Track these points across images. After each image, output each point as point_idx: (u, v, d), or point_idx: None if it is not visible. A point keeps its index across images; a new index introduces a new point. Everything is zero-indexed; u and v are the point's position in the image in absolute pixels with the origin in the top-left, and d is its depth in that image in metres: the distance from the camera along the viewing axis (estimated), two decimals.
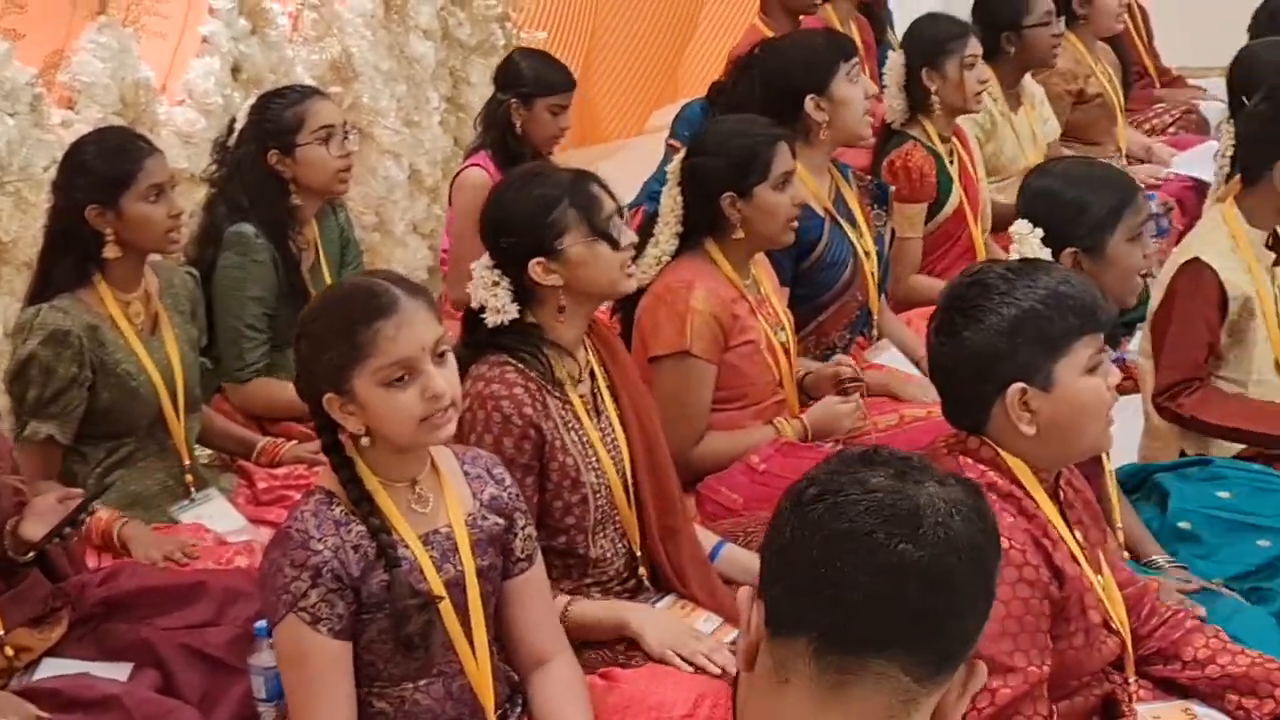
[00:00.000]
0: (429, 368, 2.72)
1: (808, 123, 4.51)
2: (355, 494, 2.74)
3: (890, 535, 1.62)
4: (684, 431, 3.81)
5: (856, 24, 7.05)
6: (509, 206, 3.33)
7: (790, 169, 3.97)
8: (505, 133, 5.21)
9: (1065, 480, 2.82)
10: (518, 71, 5.28)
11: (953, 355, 2.68)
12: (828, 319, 4.53)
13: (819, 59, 4.55)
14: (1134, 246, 3.54)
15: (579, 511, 3.29)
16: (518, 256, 3.27)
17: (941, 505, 1.66)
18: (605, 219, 3.30)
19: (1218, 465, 3.91)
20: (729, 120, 4.18)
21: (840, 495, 1.66)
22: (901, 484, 1.67)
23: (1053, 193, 3.55)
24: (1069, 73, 6.29)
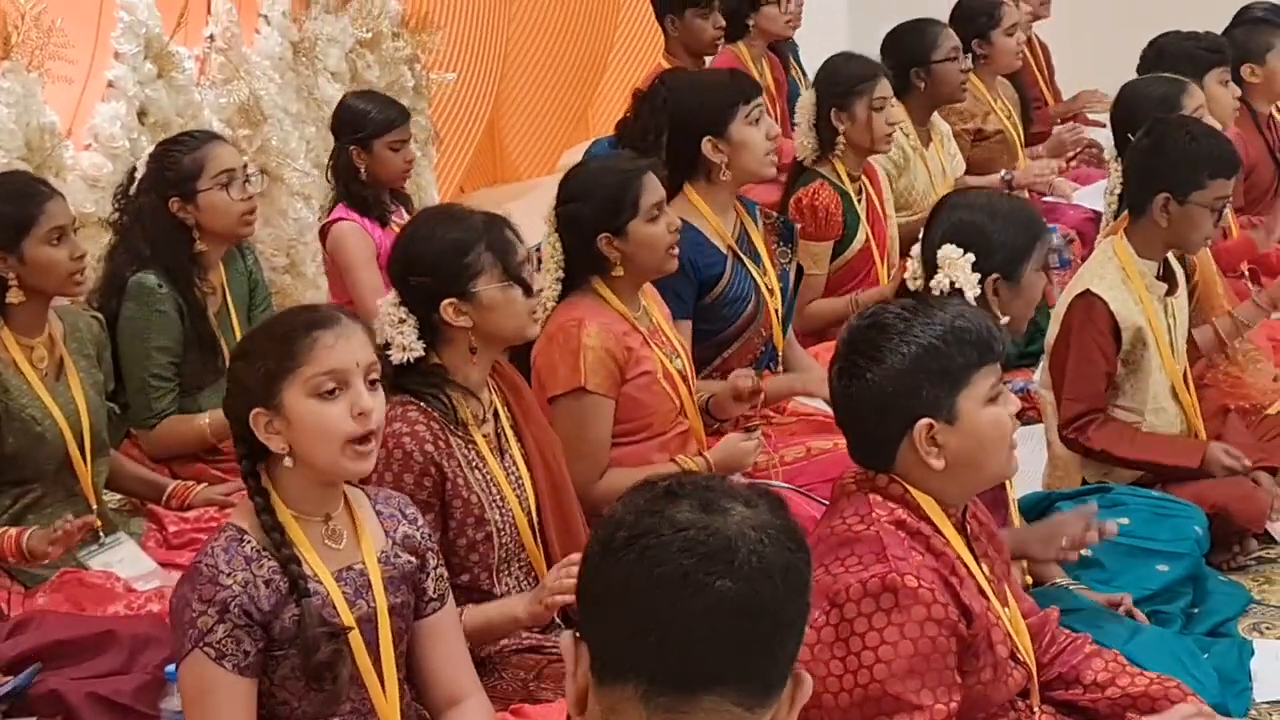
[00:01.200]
0: (360, 385, 2.76)
1: (707, 163, 4.55)
2: (269, 524, 2.74)
3: (707, 573, 1.63)
4: (585, 468, 3.82)
5: (768, 62, 7.12)
6: (422, 246, 3.36)
7: (660, 198, 3.99)
8: (350, 179, 5.18)
9: (970, 513, 2.86)
10: (350, 116, 5.25)
11: (857, 396, 2.72)
12: (732, 354, 4.56)
13: (717, 101, 4.59)
14: (1040, 276, 3.62)
15: (484, 549, 3.31)
16: (428, 296, 3.30)
17: (751, 533, 1.66)
18: (519, 264, 3.34)
19: (1117, 492, 3.99)
20: (592, 162, 4.22)
21: (651, 537, 1.65)
22: (709, 516, 1.67)
23: (975, 224, 3.58)
24: (967, 111, 6.38)
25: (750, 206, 4.75)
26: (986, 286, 3.49)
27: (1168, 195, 4.12)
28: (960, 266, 3.47)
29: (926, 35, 5.89)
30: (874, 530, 2.66)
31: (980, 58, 6.39)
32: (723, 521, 1.67)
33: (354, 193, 5.16)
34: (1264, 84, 6.01)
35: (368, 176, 5.18)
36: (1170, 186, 4.12)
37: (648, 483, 1.75)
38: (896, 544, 2.64)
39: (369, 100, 5.36)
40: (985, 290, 3.48)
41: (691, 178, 4.54)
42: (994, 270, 3.53)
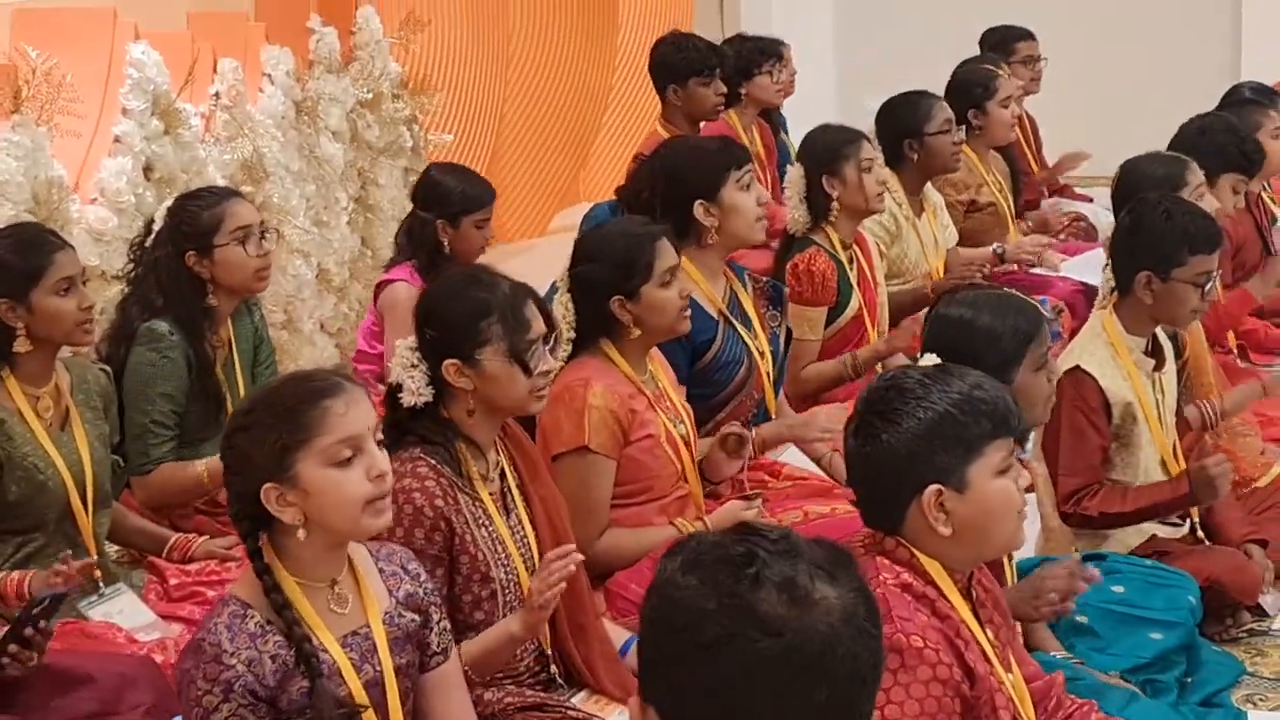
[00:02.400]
0: (374, 447, 2.77)
1: (698, 227, 4.61)
2: (279, 602, 2.73)
3: (805, 685, 1.66)
4: (586, 527, 3.85)
5: (758, 129, 7.20)
6: (442, 302, 3.41)
7: (673, 264, 4.05)
8: (432, 251, 5.19)
9: (976, 580, 2.88)
10: (441, 191, 5.26)
11: (871, 457, 2.74)
12: (725, 417, 4.59)
13: (709, 166, 4.65)
14: (1039, 375, 3.59)
15: (488, 606, 3.33)
16: (436, 351, 3.34)
17: (843, 630, 1.69)
18: (528, 343, 3.37)
19: (1112, 560, 4.02)
20: (608, 225, 4.27)
21: (743, 641, 1.66)
22: (800, 612, 1.68)
23: (964, 322, 3.57)
24: (961, 182, 6.45)
25: (739, 271, 4.80)
26: None
27: (1150, 273, 4.18)
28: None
29: (920, 107, 5.96)
30: (880, 592, 2.68)
31: (975, 129, 6.47)
32: (813, 617, 1.68)
33: (434, 264, 5.15)
34: None
35: (451, 251, 5.19)
36: (1152, 264, 4.18)
37: (720, 551, 1.74)
38: (902, 606, 2.66)
39: (459, 177, 5.37)
40: None
41: (683, 242, 4.59)
42: None
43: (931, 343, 3.51)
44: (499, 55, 8.34)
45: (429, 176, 5.42)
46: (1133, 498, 4.12)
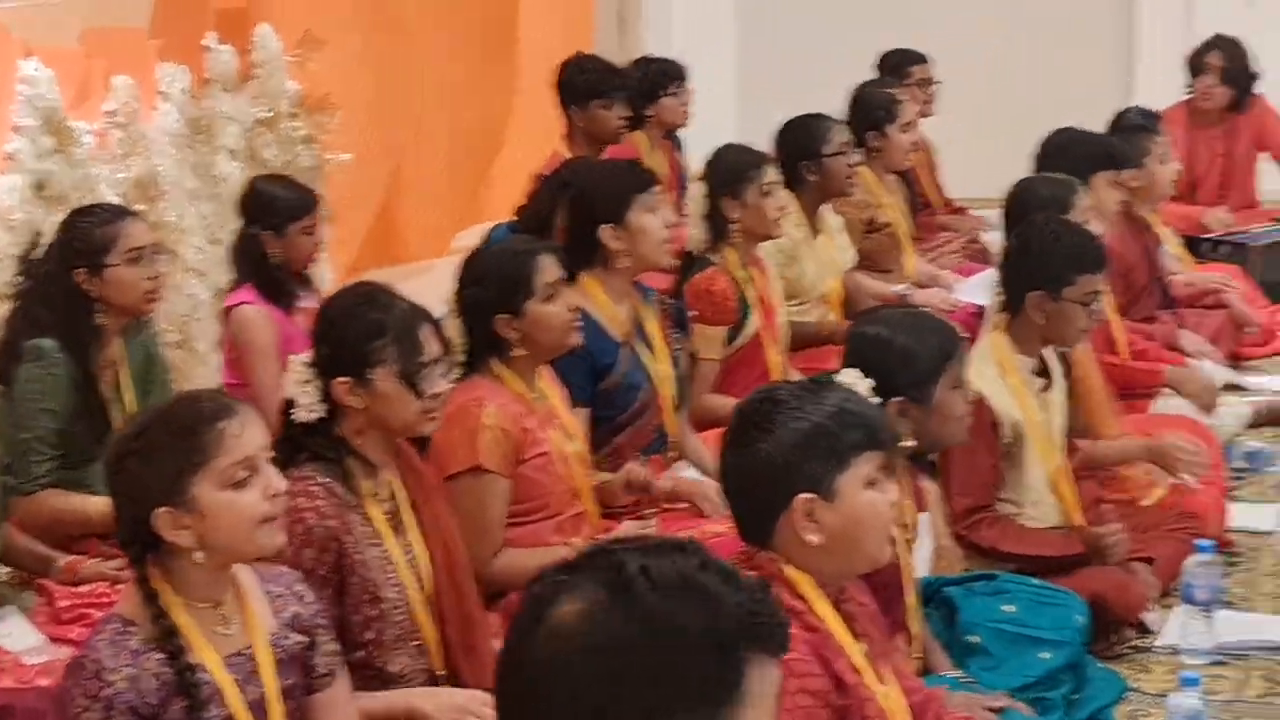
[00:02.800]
0: (268, 467, 2.78)
1: (606, 251, 4.63)
2: (163, 623, 2.71)
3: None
4: (481, 547, 3.85)
5: (664, 151, 7.23)
6: (337, 320, 3.42)
7: (556, 278, 4.06)
8: (261, 264, 5.11)
9: (849, 595, 2.92)
10: (264, 201, 5.18)
11: (745, 466, 2.79)
12: (624, 440, 4.61)
13: (615, 190, 4.67)
14: (957, 394, 3.67)
15: (378, 626, 3.33)
16: (328, 368, 3.34)
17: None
18: (420, 365, 3.37)
19: (1002, 580, 4.07)
20: (490, 246, 4.28)
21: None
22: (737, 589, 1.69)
23: (881, 342, 3.63)
24: (860, 203, 6.51)
25: (647, 293, 4.82)
26: (891, 409, 3.52)
27: (1042, 293, 4.25)
28: (859, 389, 3.51)
29: (817, 129, 6.00)
30: None
31: (874, 151, 6.53)
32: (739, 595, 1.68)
33: (264, 278, 5.10)
34: (1143, 187, 6.20)
35: (279, 261, 5.13)
36: (1042, 284, 4.25)
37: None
38: None
39: (281, 185, 5.31)
40: (891, 414, 3.49)
41: (589, 266, 4.61)
42: (900, 392, 3.58)
43: (853, 358, 3.58)
44: (399, 74, 8.31)
45: (252, 189, 5.32)
46: (1028, 542, 4.19)
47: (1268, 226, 7.70)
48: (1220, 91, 7.87)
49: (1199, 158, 7.91)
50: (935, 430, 3.62)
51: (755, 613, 1.65)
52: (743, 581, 1.67)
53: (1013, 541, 4.18)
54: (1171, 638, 4.20)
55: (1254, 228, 7.63)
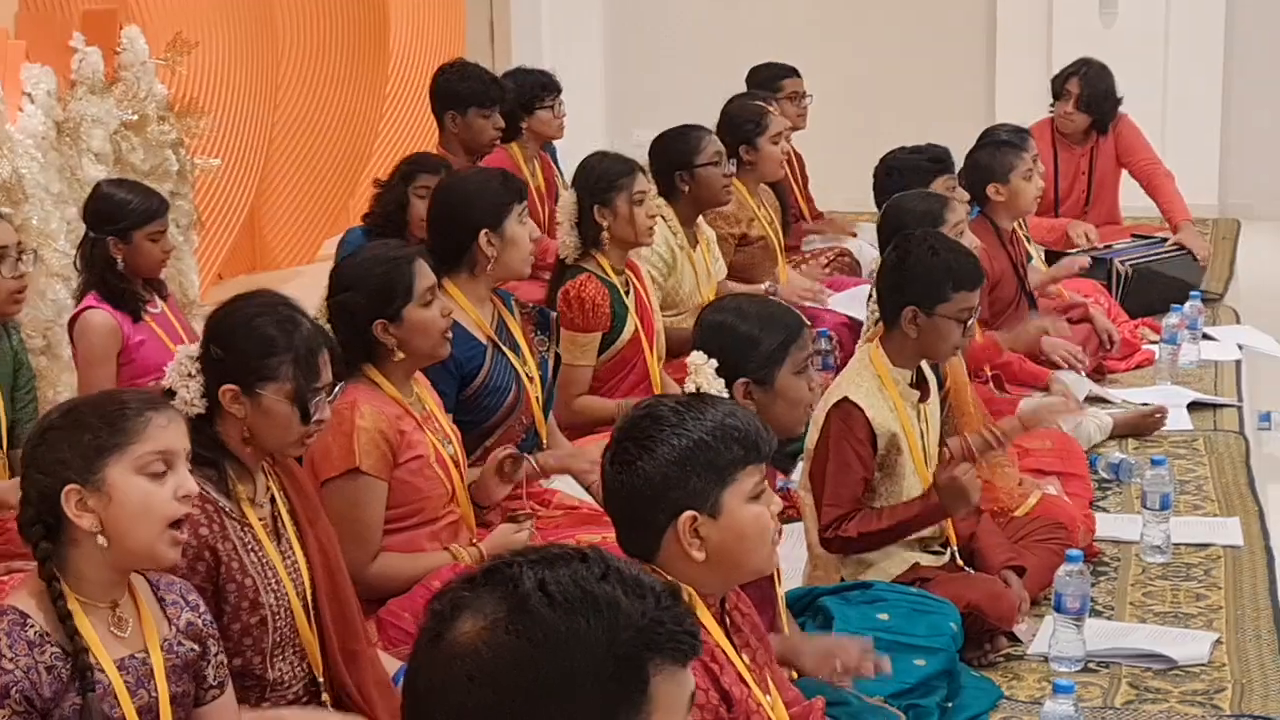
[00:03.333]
0: (185, 469, 2.78)
1: (476, 256, 4.61)
2: (62, 610, 2.70)
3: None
4: (358, 551, 3.82)
5: (539, 163, 7.22)
6: (238, 326, 3.36)
7: (432, 283, 4.05)
8: (106, 270, 5.00)
9: (733, 605, 2.93)
10: (108, 206, 5.06)
11: (627, 484, 2.78)
12: (494, 443, 4.58)
13: (496, 198, 4.66)
14: (800, 379, 3.74)
15: (257, 633, 3.29)
16: (218, 372, 3.30)
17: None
18: (312, 391, 3.34)
19: (877, 589, 4.11)
20: (361, 252, 4.25)
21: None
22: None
23: (728, 327, 3.73)
24: (732, 216, 6.55)
25: (505, 297, 4.81)
26: (737, 390, 3.59)
27: (915, 308, 4.30)
28: (705, 373, 3.57)
29: (690, 140, 6.04)
30: None
31: (746, 164, 6.57)
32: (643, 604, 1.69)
33: (110, 285, 5.00)
34: (1008, 202, 6.30)
35: (125, 267, 5.02)
36: (917, 299, 4.30)
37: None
38: None
39: (127, 189, 5.19)
40: (736, 395, 3.57)
41: (453, 271, 4.59)
42: (744, 375, 3.65)
43: (700, 344, 3.66)
44: (268, 79, 8.24)
45: (96, 193, 5.21)
46: (888, 515, 4.22)
47: (1129, 242, 7.87)
48: (1079, 117, 8.04)
49: (1063, 174, 8.08)
50: (779, 414, 3.65)
51: (659, 621, 1.64)
52: (649, 588, 1.67)
53: (874, 521, 4.19)
54: (1042, 646, 4.26)
55: (1116, 243, 7.79)
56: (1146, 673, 4.19)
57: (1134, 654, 4.26)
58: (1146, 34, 10.28)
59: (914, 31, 10.78)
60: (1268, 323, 7.40)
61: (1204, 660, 4.23)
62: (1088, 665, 4.20)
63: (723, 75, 8.11)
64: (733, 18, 10.89)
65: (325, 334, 3.48)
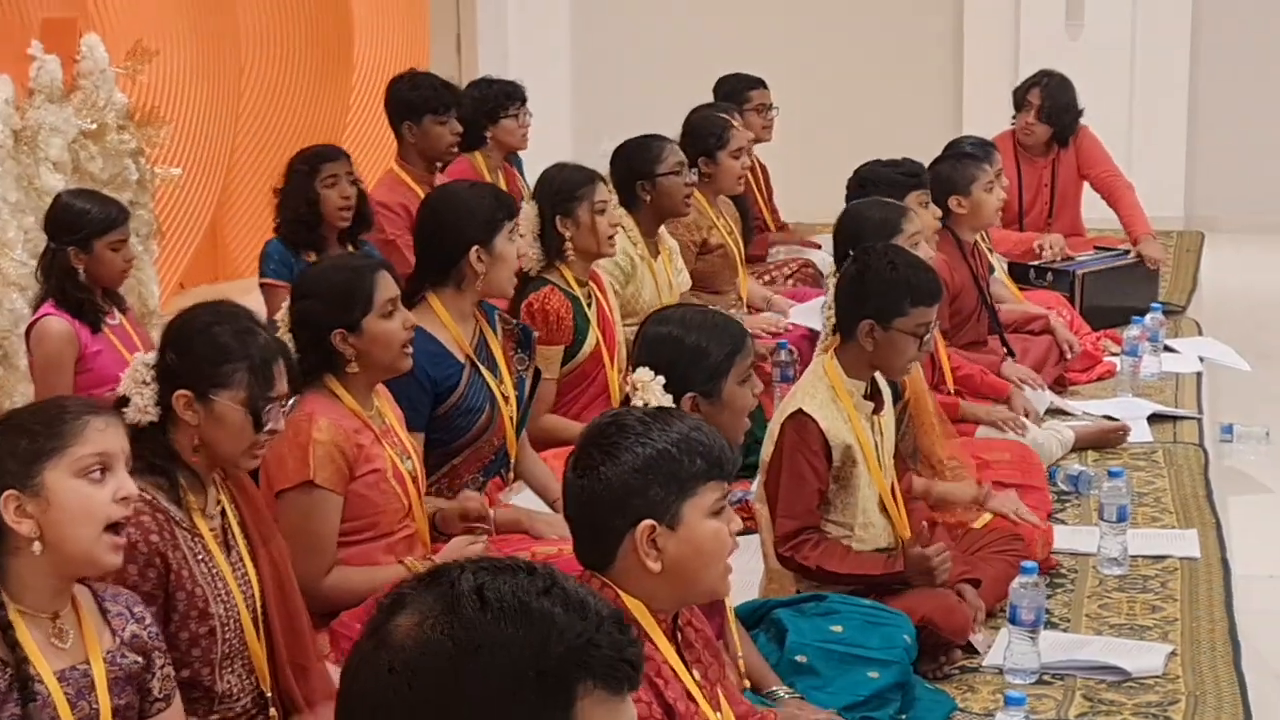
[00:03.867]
0: (124, 471, 2.79)
1: (464, 271, 4.59)
2: (5, 631, 2.69)
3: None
4: (312, 564, 3.81)
5: (504, 174, 7.20)
6: (194, 332, 3.35)
7: (394, 295, 4.04)
8: (66, 280, 5.01)
9: (685, 620, 2.93)
10: (69, 216, 5.07)
11: (588, 490, 2.78)
12: (461, 462, 4.58)
13: (489, 214, 4.65)
14: (745, 388, 3.75)
15: (205, 644, 3.27)
16: (172, 378, 3.29)
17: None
18: (267, 400, 3.33)
19: (832, 600, 4.10)
20: (324, 261, 4.24)
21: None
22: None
23: (674, 339, 3.72)
24: (692, 224, 6.55)
25: (490, 312, 4.79)
26: (685, 405, 3.58)
27: (872, 321, 4.29)
28: (653, 389, 3.56)
29: (651, 149, 6.05)
30: None
31: (705, 176, 6.57)
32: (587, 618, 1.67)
33: (69, 295, 5.00)
34: (969, 214, 6.31)
35: (86, 277, 5.02)
36: (874, 313, 4.29)
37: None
38: None
39: (88, 199, 5.19)
40: (684, 409, 3.53)
41: (439, 286, 4.57)
42: (692, 388, 3.64)
43: (645, 355, 3.64)
44: (231, 89, 8.21)
45: (57, 203, 5.22)
46: (850, 562, 4.22)
47: (1091, 254, 7.89)
48: (1040, 129, 8.06)
49: (1026, 186, 8.10)
50: (724, 424, 3.64)
51: (595, 643, 1.62)
52: (593, 610, 1.64)
53: (836, 562, 4.21)
54: (997, 658, 4.26)
55: (1079, 255, 7.81)
56: (1101, 685, 4.19)
57: (1089, 666, 4.26)
58: (1113, 46, 10.33)
59: (881, 43, 10.80)
60: (1230, 335, 7.43)
61: (1158, 672, 4.23)
62: (1042, 677, 4.19)
63: (691, 86, 8.11)
64: (701, 28, 10.90)
65: (283, 345, 3.48)
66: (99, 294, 5.08)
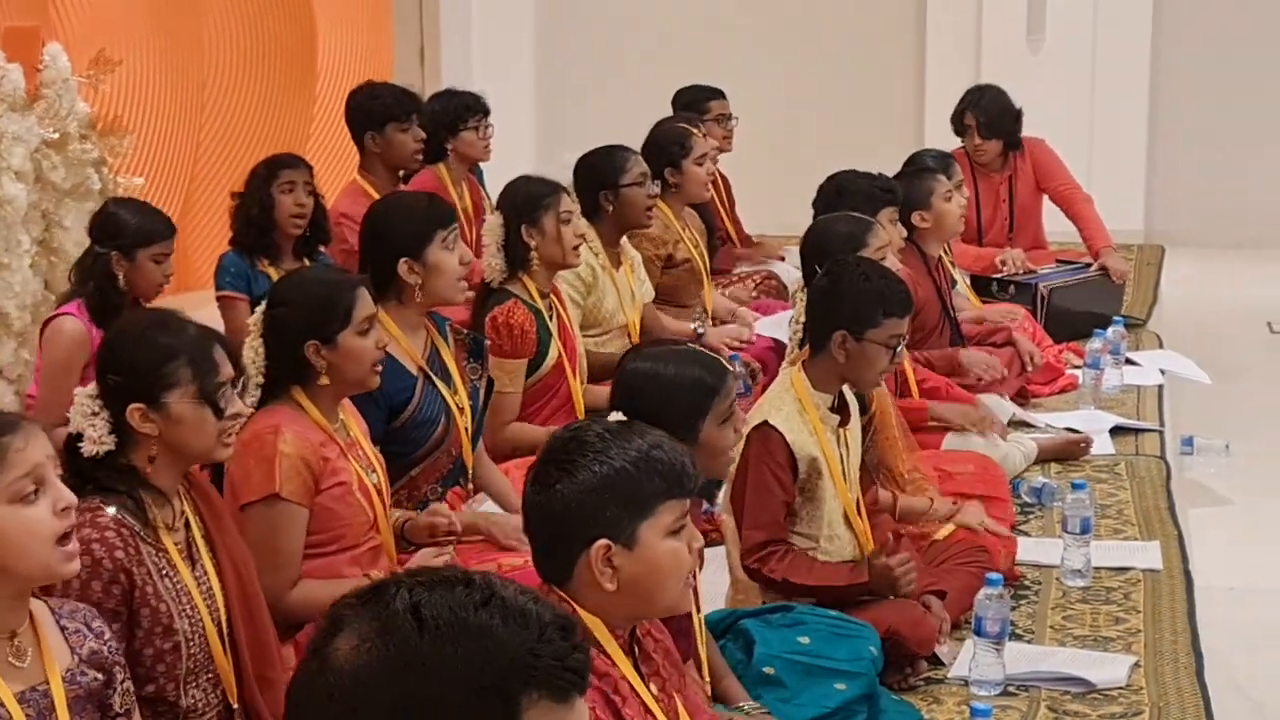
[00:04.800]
0: (56, 480, 2.73)
1: (400, 284, 4.59)
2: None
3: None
4: (277, 577, 3.79)
5: (467, 185, 7.19)
6: (127, 347, 3.34)
7: (371, 313, 4.03)
8: (105, 285, 5.09)
9: (644, 631, 2.91)
10: (117, 223, 5.17)
11: (545, 506, 2.76)
12: (419, 474, 4.57)
13: (416, 225, 4.64)
14: (724, 428, 3.65)
15: (171, 659, 3.25)
16: (120, 396, 3.26)
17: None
18: (217, 385, 3.32)
19: (798, 612, 4.10)
20: (305, 271, 4.23)
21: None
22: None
23: (649, 377, 3.61)
24: (658, 238, 6.56)
25: (441, 323, 4.79)
26: None
27: (845, 333, 4.31)
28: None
29: (615, 160, 6.05)
30: None
31: (671, 186, 6.58)
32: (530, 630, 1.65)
33: (107, 299, 5.05)
34: (934, 227, 6.35)
35: (125, 285, 5.09)
36: (847, 324, 4.31)
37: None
38: None
39: (138, 209, 5.30)
40: None
41: (383, 298, 4.57)
42: (666, 428, 3.58)
43: (621, 394, 3.58)
44: (193, 98, 8.19)
45: (106, 209, 5.34)
46: (816, 573, 4.23)
47: (1053, 268, 7.92)
48: (989, 145, 8.07)
49: (985, 202, 8.12)
50: (702, 465, 3.59)
51: (537, 654, 1.60)
52: (534, 619, 1.63)
53: (802, 573, 4.22)
54: (963, 669, 4.27)
55: (1041, 269, 7.85)
56: (1065, 696, 4.21)
57: (1053, 677, 4.28)
58: (1073, 60, 10.39)
59: (843, 56, 10.83)
60: (1190, 348, 7.47)
61: (1122, 683, 4.25)
62: (1007, 689, 4.21)
63: (653, 98, 8.12)
64: (664, 41, 10.91)
65: (214, 331, 3.45)
66: (135, 303, 5.11)
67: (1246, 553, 5.43)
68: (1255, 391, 7.25)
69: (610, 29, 11.09)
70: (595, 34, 11.11)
